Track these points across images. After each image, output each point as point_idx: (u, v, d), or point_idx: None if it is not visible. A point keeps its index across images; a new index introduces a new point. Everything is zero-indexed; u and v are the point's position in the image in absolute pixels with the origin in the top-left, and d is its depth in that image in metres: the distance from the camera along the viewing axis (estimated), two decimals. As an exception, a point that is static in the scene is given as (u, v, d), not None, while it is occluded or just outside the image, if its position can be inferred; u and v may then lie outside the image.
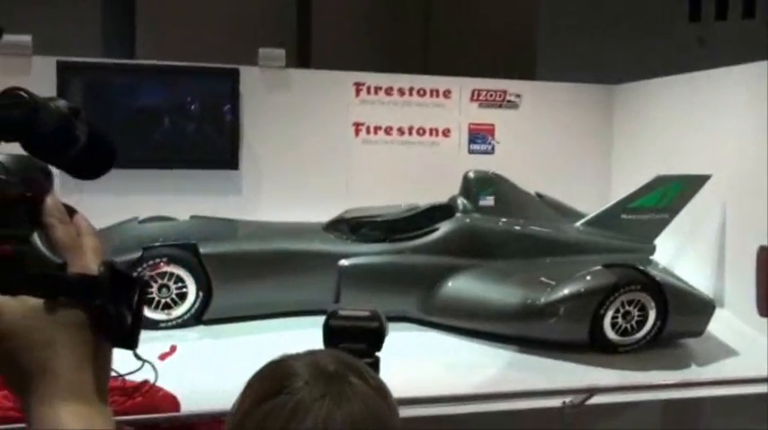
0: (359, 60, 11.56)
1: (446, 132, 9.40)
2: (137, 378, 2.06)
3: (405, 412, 4.62)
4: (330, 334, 1.80)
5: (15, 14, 10.33)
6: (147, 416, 4.04)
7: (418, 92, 9.33)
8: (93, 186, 6.67)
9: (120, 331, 0.83)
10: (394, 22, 16.22)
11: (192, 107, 8.68)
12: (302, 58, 14.86)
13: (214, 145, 8.65)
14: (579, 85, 9.98)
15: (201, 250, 6.16)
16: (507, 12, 15.59)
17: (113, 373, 0.87)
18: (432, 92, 9.38)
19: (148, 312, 5.97)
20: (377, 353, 1.77)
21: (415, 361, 5.71)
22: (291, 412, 1.00)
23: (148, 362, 1.02)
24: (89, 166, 0.94)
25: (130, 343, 0.84)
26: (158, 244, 6.15)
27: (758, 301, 6.35)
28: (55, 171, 0.89)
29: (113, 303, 0.82)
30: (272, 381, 1.05)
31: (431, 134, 9.36)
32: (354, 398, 1.03)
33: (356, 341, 1.72)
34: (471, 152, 9.43)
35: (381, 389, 1.09)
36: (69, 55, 8.43)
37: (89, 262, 0.85)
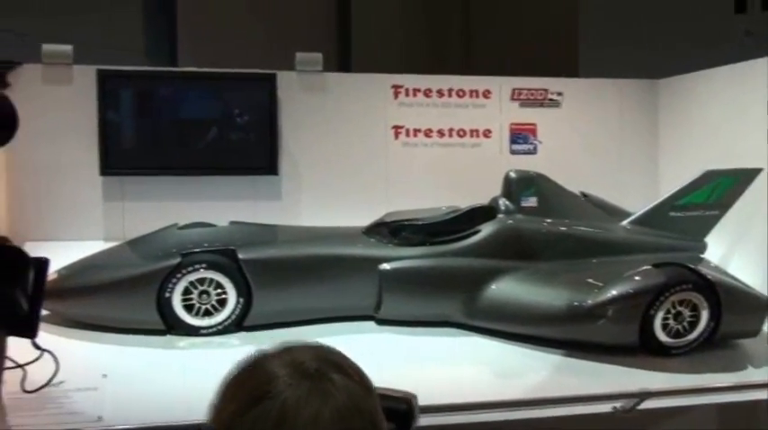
0: (401, 63, 11.44)
1: (487, 133, 9.27)
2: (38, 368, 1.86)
3: (451, 419, 4.46)
4: None
5: (57, 24, 10.45)
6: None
7: (457, 92, 9.21)
8: (135, 193, 6.67)
9: (13, 317, 0.73)
10: (434, 23, 16.12)
11: (231, 113, 8.68)
12: (343, 63, 14.82)
13: (253, 151, 8.64)
14: (622, 80, 9.76)
15: (241, 256, 6.11)
16: (549, 9, 15.38)
17: (10, 363, 0.77)
18: (471, 92, 9.25)
19: (189, 318, 5.96)
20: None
21: (460, 366, 5.61)
22: (279, 416, 1.00)
23: (48, 351, 0.94)
24: None
25: (28, 330, 0.74)
26: (198, 250, 6.12)
27: None
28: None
29: (4, 285, 0.71)
30: (254, 386, 1.05)
31: (471, 135, 9.23)
32: (339, 393, 1.03)
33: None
34: (513, 152, 9.29)
35: (364, 383, 1.10)
36: (112, 64, 8.51)
37: None
